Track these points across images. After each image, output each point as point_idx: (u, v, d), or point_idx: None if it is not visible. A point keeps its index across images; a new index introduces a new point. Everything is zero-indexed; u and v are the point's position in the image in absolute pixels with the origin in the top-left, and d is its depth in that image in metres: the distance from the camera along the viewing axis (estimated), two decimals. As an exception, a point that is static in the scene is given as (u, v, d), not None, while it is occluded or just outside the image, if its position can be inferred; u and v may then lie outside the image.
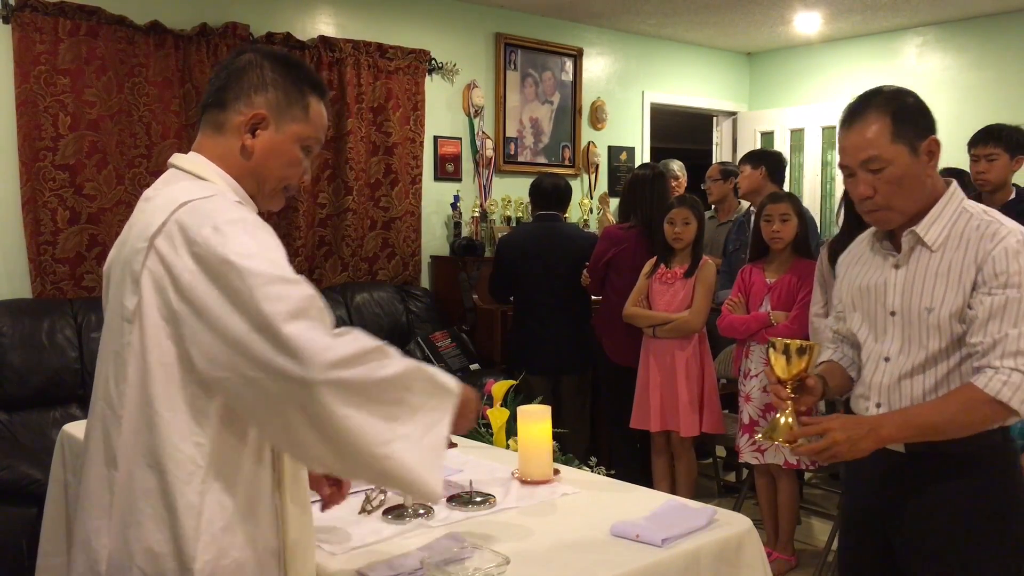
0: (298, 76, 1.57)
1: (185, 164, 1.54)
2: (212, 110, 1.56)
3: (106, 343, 1.49)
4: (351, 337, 1.33)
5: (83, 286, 4.25)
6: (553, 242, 4.47)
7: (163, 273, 1.38)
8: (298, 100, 1.56)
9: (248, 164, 1.54)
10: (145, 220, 1.45)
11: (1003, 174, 3.66)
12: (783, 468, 3.65)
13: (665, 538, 1.73)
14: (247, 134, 1.53)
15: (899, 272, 1.88)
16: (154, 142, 4.43)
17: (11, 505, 3.20)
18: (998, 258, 1.75)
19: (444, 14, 5.61)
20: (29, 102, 4.08)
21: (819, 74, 7.00)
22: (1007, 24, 6.05)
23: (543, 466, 2.15)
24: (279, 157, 1.55)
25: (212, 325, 1.33)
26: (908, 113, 1.81)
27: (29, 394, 3.82)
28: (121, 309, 1.42)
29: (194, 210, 1.40)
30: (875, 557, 1.99)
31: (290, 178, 1.59)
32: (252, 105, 1.53)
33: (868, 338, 1.95)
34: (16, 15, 4.05)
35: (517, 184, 5.86)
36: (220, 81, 1.56)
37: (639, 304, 4.04)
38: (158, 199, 1.48)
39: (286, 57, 1.60)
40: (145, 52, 4.38)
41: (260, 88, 1.53)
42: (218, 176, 1.52)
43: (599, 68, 6.50)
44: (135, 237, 1.45)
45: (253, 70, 1.54)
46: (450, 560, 1.58)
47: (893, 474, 1.91)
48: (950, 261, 1.81)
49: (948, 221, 1.84)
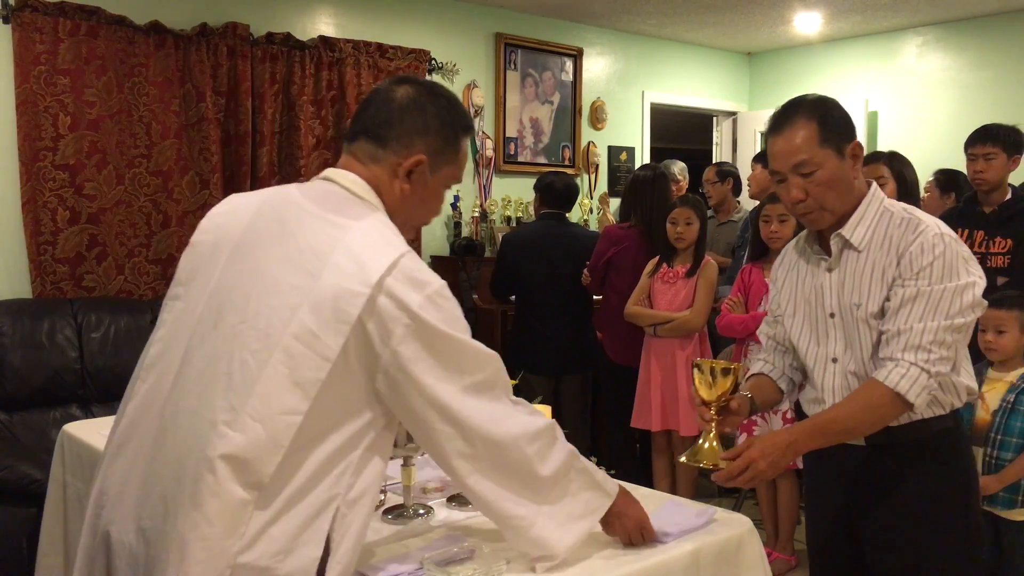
0: (456, 119, 1.59)
1: (352, 187, 1.55)
2: (368, 141, 1.56)
3: (254, 357, 1.41)
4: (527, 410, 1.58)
5: (83, 286, 4.25)
6: (558, 241, 4.47)
7: (375, 324, 1.41)
8: (453, 143, 1.59)
9: (401, 202, 1.57)
10: (351, 259, 1.42)
11: (1001, 173, 3.67)
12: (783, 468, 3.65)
13: (667, 533, 1.73)
14: (404, 179, 1.55)
15: (833, 275, 1.95)
16: (154, 142, 4.43)
17: (11, 505, 3.20)
18: (915, 251, 1.82)
19: (444, 14, 5.61)
20: (29, 102, 4.07)
21: (819, 74, 7.00)
22: (1007, 24, 6.05)
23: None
24: (429, 198, 1.61)
25: (419, 387, 1.45)
26: (833, 119, 1.88)
27: (29, 394, 3.81)
28: (315, 342, 1.40)
29: (409, 270, 1.44)
30: (843, 549, 2.06)
31: (430, 216, 1.67)
32: (413, 149, 1.54)
33: (811, 342, 2.00)
34: (16, 15, 4.05)
35: (517, 184, 5.87)
36: (381, 116, 1.55)
37: (641, 303, 4.04)
38: (356, 233, 1.46)
39: (447, 95, 1.62)
40: (145, 52, 4.38)
41: (423, 132, 1.55)
42: (382, 207, 1.55)
43: (599, 68, 6.50)
44: (342, 275, 1.41)
45: (418, 111, 1.55)
46: (450, 560, 1.58)
47: (855, 468, 1.99)
48: (875, 260, 1.88)
49: (872, 221, 1.90)
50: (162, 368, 1.52)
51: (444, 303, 1.47)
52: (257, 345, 1.41)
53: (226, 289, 1.49)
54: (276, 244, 1.48)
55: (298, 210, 1.51)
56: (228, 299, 1.47)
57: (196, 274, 1.56)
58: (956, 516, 1.95)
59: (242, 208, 1.59)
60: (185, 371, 1.47)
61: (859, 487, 1.99)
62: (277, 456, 1.37)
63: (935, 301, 1.79)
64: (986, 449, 2.86)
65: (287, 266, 1.45)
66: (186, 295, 1.56)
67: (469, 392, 1.48)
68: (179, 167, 4.50)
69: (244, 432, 1.37)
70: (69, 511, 2.54)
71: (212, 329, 1.46)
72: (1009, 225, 3.63)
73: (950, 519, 1.94)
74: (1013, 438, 2.83)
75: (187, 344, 1.49)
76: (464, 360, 1.49)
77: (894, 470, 1.94)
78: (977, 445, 2.87)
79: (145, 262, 4.43)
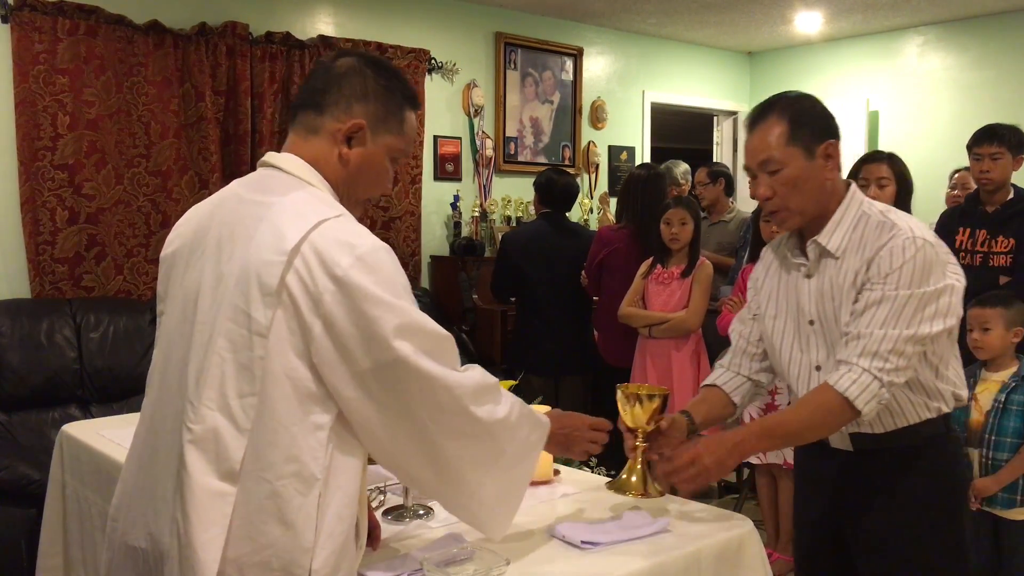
0: (398, 88, 1.56)
1: (288, 166, 1.52)
2: (307, 111, 1.53)
3: (210, 350, 1.40)
4: (476, 373, 1.49)
5: (82, 286, 4.24)
6: (558, 242, 4.46)
7: (300, 291, 1.36)
8: (396, 112, 1.55)
9: (343, 172, 1.53)
10: (271, 230, 1.40)
11: (1006, 173, 3.69)
12: (784, 468, 3.65)
13: (586, 540, 1.70)
14: (343, 144, 1.51)
15: (811, 282, 1.92)
16: (153, 142, 4.42)
17: (10, 505, 3.20)
18: (883, 257, 1.79)
19: (444, 14, 5.61)
20: (28, 102, 4.07)
21: (820, 74, 7.00)
22: (1007, 24, 6.05)
23: (543, 466, 2.14)
24: (371, 169, 1.55)
25: (345, 349, 1.36)
26: (806, 117, 1.85)
27: (28, 394, 3.81)
28: (248, 320, 1.38)
29: (333, 231, 1.38)
30: (830, 556, 2.03)
31: (377, 189, 1.59)
32: (351, 114, 1.51)
33: (795, 348, 1.96)
34: (15, 14, 4.04)
35: (517, 184, 5.86)
36: (319, 83, 1.53)
37: (635, 304, 4.03)
38: (280, 209, 1.43)
39: (389, 66, 1.59)
40: (144, 51, 4.38)
41: (361, 97, 1.52)
42: (321, 182, 1.50)
43: (599, 68, 6.50)
44: (262, 247, 1.39)
45: (356, 77, 1.52)
46: (450, 560, 1.58)
47: (843, 473, 1.96)
48: (850, 267, 1.85)
49: (849, 226, 1.87)
50: (155, 383, 1.55)
51: (378, 264, 1.38)
52: (203, 338, 1.42)
53: (187, 296, 1.51)
54: (220, 240, 1.48)
55: (236, 202, 1.51)
56: (190, 305, 1.49)
57: (168, 287, 1.58)
58: (945, 523, 1.92)
59: (195, 216, 1.60)
60: (167, 382, 1.51)
61: (847, 493, 1.97)
62: (242, 441, 1.36)
63: (899, 308, 1.75)
64: (981, 450, 2.86)
65: (223, 256, 1.46)
66: (167, 309, 1.58)
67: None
68: (178, 167, 4.50)
69: (203, 423, 1.38)
70: (68, 511, 2.53)
71: (180, 337, 1.49)
72: (1012, 224, 3.64)
73: (939, 526, 1.91)
74: (1007, 438, 2.83)
75: (168, 356, 1.52)
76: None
77: (882, 476, 1.92)
78: (972, 447, 2.87)
79: (144, 262, 4.43)
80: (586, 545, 1.69)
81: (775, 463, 3.64)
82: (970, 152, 3.76)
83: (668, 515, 1.85)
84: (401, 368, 1.38)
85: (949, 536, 1.92)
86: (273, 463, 1.37)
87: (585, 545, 1.69)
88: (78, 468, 2.52)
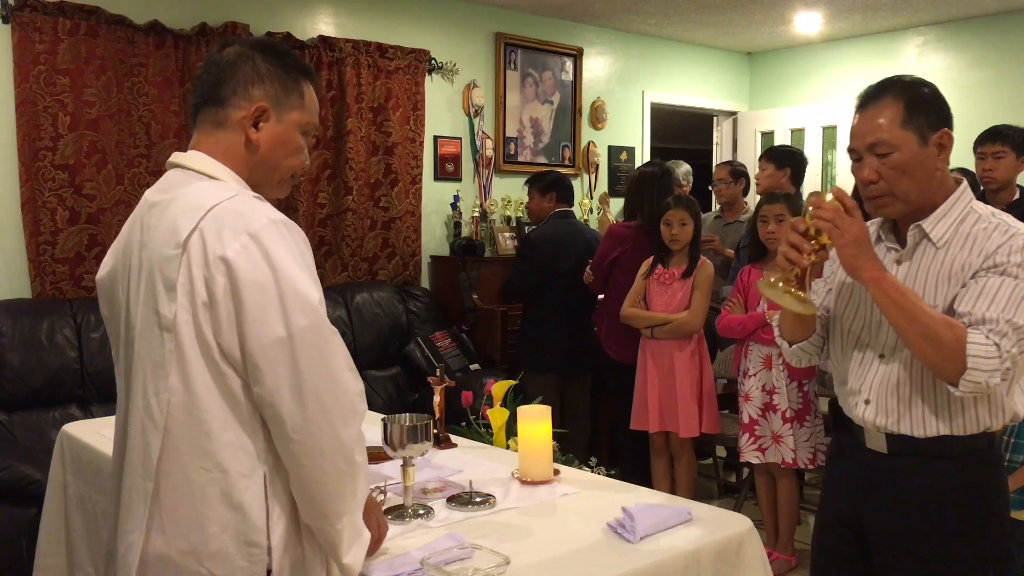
0: (290, 64, 1.58)
1: (191, 163, 1.53)
2: (209, 107, 1.55)
3: (136, 356, 1.45)
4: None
5: (83, 286, 4.24)
6: (576, 239, 4.48)
7: (199, 278, 1.37)
8: (294, 88, 1.57)
9: (255, 157, 1.54)
10: (168, 226, 1.42)
11: (1009, 173, 3.72)
12: (783, 468, 3.65)
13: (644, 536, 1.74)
14: (251, 128, 1.53)
15: (901, 267, 1.85)
16: (154, 142, 4.43)
17: (10, 505, 3.20)
18: (1002, 250, 1.73)
19: (444, 14, 5.61)
20: (28, 102, 4.07)
21: (819, 74, 7.00)
22: (1007, 24, 6.05)
23: (543, 466, 2.15)
24: (284, 146, 1.56)
25: (245, 324, 1.37)
26: (923, 102, 1.79)
27: (28, 394, 3.81)
28: (157, 318, 1.40)
29: (224, 214, 1.39)
30: (851, 557, 1.97)
31: (296, 165, 1.60)
32: (251, 99, 1.53)
33: (863, 332, 1.90)
34: (16, 15, 4.05)
35: (517, 184, 5.86)
36: (212, 77, 1.55)
37: (637, 305, 4.04)
38: (177, 203, 1.45)
39: (273, 46, 1.60)
40: (145, 52, 4.38)
41: (256, 81, 1.53)
42: (227, 174, 1.51)
43: (599, 68, 6.50)
44: (162, 244, 1.42)
45: (246, 63, 1.54)
46: (450, 560, 1.58)
47: (875, 473, 1.90)
48: (954, 259, 1.78)
49: (955, 219, 1.81)
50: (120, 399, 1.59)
51: (270, 240, 1.38)
52: (127, 345, 1.48)
53: (123, 312, 1.54)
54: (140, 249, 1.51)
55: (147, 208, 1.54)
56: (126, 320, 1.52)
57: (111, 308, 1.61)
58: (974, 535, 1.83)
59: (124, 233, 1.62)
60: (122, 397, 1.56)
61: (874, 490, 1.90)
62: (157, 438, 1.39)
63: (1019, 297, 1.68)
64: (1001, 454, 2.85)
65: (142, 263, 1.49)
66: (111, 328, 1.63)
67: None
68: (179, 167, 4.49)
69: (132, 424, 1.43)
70: (69, 511, 2.53)
71: (124, 353, 1.53)
72: None
73: (967, 536, 1.83)
74: None
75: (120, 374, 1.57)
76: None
77: (915, 481, 1.84)
78: None
79: (145, 262, 4.42)
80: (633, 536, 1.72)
81: (774, 463, 3.64)
82: (975, 152, 3.79)
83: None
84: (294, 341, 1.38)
85: (976, 548, 1.83)
86: (210, 451, 1.39)
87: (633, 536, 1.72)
88: (78, 468, 2.52)
